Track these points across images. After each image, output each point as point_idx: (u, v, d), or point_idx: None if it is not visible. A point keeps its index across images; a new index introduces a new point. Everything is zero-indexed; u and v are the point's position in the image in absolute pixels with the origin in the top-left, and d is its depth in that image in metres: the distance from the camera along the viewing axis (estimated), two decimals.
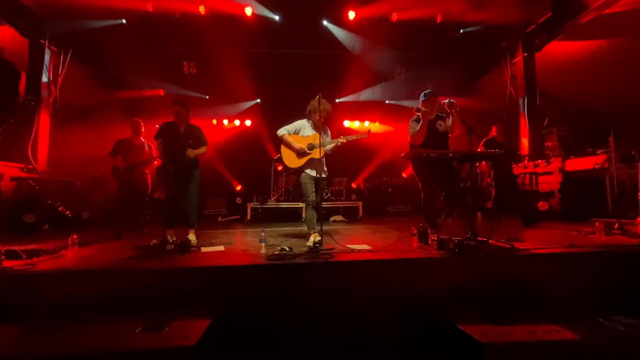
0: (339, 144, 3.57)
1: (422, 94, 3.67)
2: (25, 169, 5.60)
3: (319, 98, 3.55)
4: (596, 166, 5.25)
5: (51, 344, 1.60)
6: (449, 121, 3.59)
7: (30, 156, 5.81)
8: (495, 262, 2.53)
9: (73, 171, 6.92)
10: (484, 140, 5.52)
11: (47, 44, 6.10)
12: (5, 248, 2.67)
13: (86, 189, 7.62)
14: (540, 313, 2.05)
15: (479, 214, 6.17)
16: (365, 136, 3.63)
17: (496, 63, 7.52)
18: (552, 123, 6.67)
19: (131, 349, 1.57)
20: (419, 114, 3.56)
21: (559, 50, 6.76)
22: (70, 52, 6.49)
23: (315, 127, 3.67)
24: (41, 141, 6.09)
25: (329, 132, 3.82)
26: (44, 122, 6.14)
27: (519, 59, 6.97)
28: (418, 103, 3.69)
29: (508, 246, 2.81)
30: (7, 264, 2.48)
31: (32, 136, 5.90)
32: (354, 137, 3.63)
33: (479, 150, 4.97)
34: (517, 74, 7.05)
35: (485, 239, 2.84)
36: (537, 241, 3.25)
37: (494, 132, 5.60)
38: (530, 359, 1.70)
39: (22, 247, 2.96)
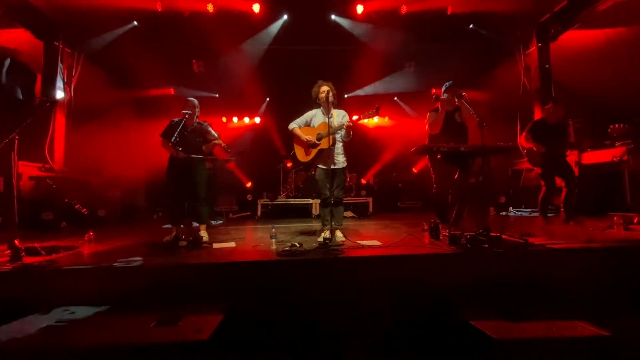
0: (345, 126, 3.31)
1: (445, 84, 3.67)
2: (42, 168, 5.76)
3: (319, 83, 3.54)
4: (614, 159, 5.08)
5: (68, 337, 1.65)
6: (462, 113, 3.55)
7: (47, 155, 5.97)
8: (508, 257, 2.49)
9: (88, 169, 7.08)
10: (531, 123, 4.54)
11: (60, 45, 6.23)
12: (26, 245, 2.76)
13: (103, 186, 7.81)
14: (556, 310, 2.01)
15: (491, 208, 6.07)
16: (374, 114, 3.26)
17: (509, 54, 7.33)
18: (568, 115, 6.48)
19: (146, 342, 1.60)
20: (438, 104, 3.55)
21: (575, 39, 6.54)
22: (83, 53, 6.62)
23: (326, 112, 3.50)
24: (57, 141, 6.25)
25: (346, 116, 3.54)
26: (59, 122, 6.30)
27: (533, 49, 6.78)
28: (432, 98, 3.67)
29: (522, 241, 2.75)
30: (28, 260, 2.56)
31: (48, 136, 6.06)
32: (364, 116, 3.36)
33: (523, 135, 4.40)
34: (531, 64, 6.86)
35: (498, 234, 2.79)
36: (553, 237, 3.18)
37: (544, 112, 4.45)
38: (545, 356, 1.67)
39: (41, 244, 3.05)
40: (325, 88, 3.48)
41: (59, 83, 6.25)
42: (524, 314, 1.94)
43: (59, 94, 6.24)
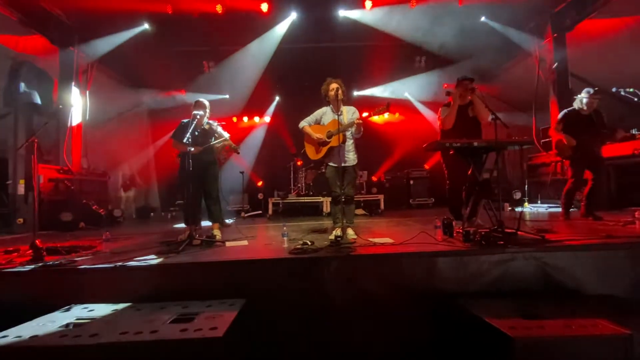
0: (355, 123, 3.27)
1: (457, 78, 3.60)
2: (61, 171, 5.93)
3: (328, 80, 3.52)
4: (635, 151, 4.91)
5: (88, 334, 1.69)
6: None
7: (65, 158, 6.14)
8: (524, 254, 2.43)
9: (104, 171, 7.26)
10: (563, 113, 4.26)
11: (75, 51, 6.39)
12: (47, 245, 2.85)
13: (118, 187, 8.01)
14: (574, 307, 1.95)
15: (506, 204, 5.94)
16: (385, 110, 3.24)
17: (523, 46, 7.13)
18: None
19: (163, 339, 1.63)
20: (450, 99, 3.50)
21: (593, 28, 6.32)
22: (97, 57, 6.77)
23: (335, 109, 3.48)
24: (74, 143, 6.42)
25: (356, 112, 3.49)
26: (76, 125, 6.47)
27: (548, 40, 6.59)
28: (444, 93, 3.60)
29: (539, 237, 2.69)
30: (49, 259, 2.65)
31: (66, 139, 6.24)
32: (374, 112, 3.33)
33: (553, 126, 4.24)
34: (547, 56, 6.66)
35: (513, 230, 2.73)
36: (571, 232, 3.10)
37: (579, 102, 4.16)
38: (564, 354, 1.63)
39: (61, 244, 3.15)
40: (334, 85, 3.46)
41: (75, 87, 6.42)
42: (542, 312, 1.89)
43: (75, 98, 6.41)
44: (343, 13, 6.48)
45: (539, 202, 6.63)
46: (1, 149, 5.93)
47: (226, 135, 3.79)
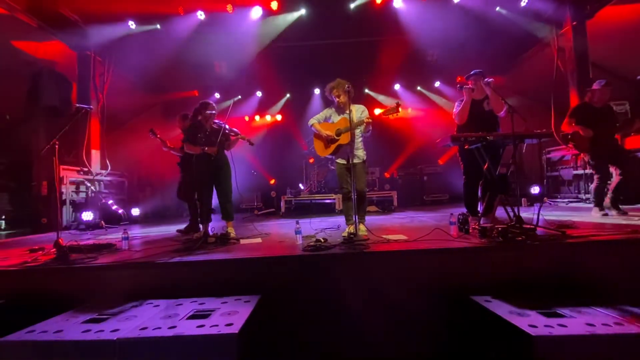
0: (365, 122, 3.28)
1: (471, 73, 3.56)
2: (81, 172, 6.12)
3: (329, 87, 3.54)
4: None
5: (108, 329, 1.75)
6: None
7: (84, 159, 6.34)
8: (544, 250, 2.36)
9: (122, 171, 7.46)
10: (575, 106, 4.21)
11: (92, 55, 6.56)
12: (69, 244, 2.95)
13: (136, 186, 8.21)
14: (598, 305, 1.88)
15: (524, 199, 5.80)
16: (394, 111, 3.22)
17: (541, 36, 6.90)
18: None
19: (181, 334, 1.66)
20: (465, 92, 3.44)
21: (614, 15, 6.06)
22: (113, 61, 6.93)
23: (341, 110, 3.50)
24: (93, 145, 6.61)
25: (365, 111, 3.48)
26: (94, 127, 6.66)
27: (567, 28, 6.34)
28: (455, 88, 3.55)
29: (559, 233, 2.60)
30: (71, 257, 2.73)
31: (85, 141, 6.43)
32: (382, 111, 3.34)
33: (566, 120, 4.12)
34: (565, 45, 6.42)
35: (532, 226, 2.66)
36: (593, 228, 2.99)
37: (590, 94, 4.09)
38: (586, 354, 1.57)
39: (83, 243, 3.26)
40: (335, 92, 3.48)
41: (93, 90, 6.60)
42: (563, 310, 1.84)
43: (93, 101, 6.60)
44: (354, 4, 6.36)
45: (558, 197, 6.43)
46: (25, 152, 6.17)
47: (235, 130, 3.89)
